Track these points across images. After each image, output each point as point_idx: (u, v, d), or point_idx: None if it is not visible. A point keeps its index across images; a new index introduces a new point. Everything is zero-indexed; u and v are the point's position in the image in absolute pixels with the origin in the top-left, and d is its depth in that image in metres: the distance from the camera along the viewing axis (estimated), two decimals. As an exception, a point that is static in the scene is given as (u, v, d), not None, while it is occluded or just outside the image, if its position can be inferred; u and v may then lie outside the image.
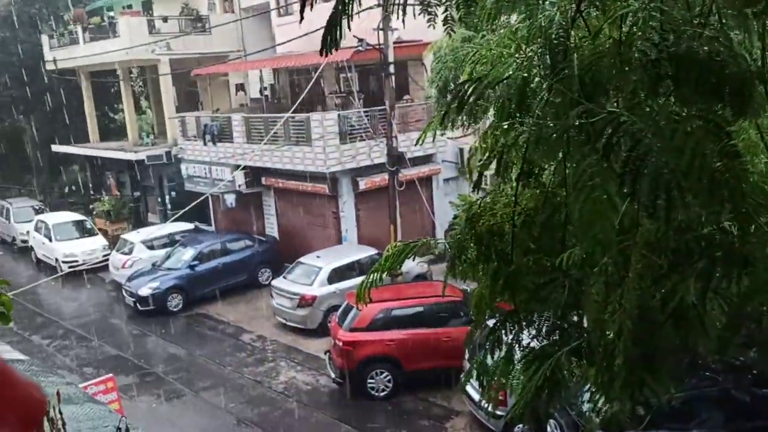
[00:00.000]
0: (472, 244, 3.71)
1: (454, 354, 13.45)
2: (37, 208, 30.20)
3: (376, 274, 4.21)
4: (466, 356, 12.05)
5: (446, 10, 3.13)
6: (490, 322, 4.07)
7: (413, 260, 4.95)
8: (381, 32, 18.13)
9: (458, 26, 3.29)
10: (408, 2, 3.32)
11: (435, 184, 22.70)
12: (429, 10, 3.12)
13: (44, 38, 31.06)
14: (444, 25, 3.26)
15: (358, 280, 16.53)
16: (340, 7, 2.84)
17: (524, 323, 3.79)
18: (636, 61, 2.63)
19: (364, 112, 20.99)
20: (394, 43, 18.75)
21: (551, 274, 3.49)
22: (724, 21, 2.74)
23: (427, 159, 21.77)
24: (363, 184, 21.09)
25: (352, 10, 2.93)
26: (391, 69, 18.58)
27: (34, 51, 31.76)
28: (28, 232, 27.52)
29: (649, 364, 3.01)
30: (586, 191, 2.54)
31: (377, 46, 18.34)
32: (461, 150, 21.64)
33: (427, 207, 21.25)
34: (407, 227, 20.04)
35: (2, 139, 34.94)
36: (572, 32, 3.00)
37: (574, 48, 2.99)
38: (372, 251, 19.48)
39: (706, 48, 2.55)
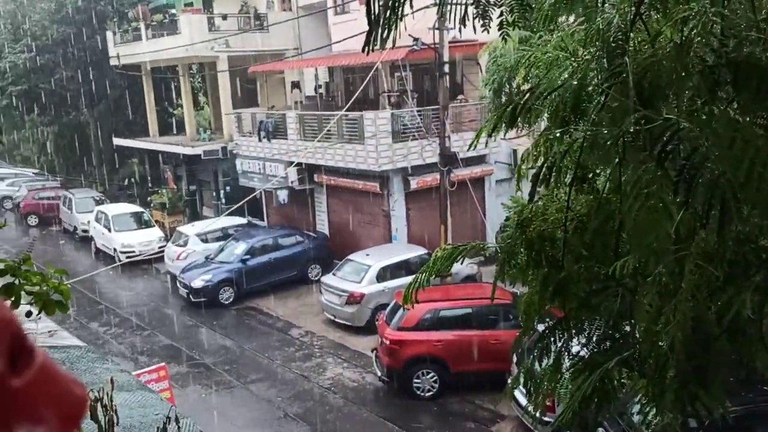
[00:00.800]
0: (522, 249, 3.67)
1: (502, 357, 13.31)
2: (97, 199, 31.16)
3: (424, 276, 4.20)
4: (515, 360, 11.93)
5: (501, 14, 3.09)
6: (539, 328, 4.01)
7: (462, 262, 4.90)
8: (436, 31, 18.07)
9: (513, 30, 3.24)
10: (464, 4, 3.29)
11: (487, 185, 22.51)
12: (484, 14, 3.08)
13: (109, 34, 32.01)
14: (499, 29, 3.22)
15: (407, 279, 16.58)
16: (388, 9, 2.83)
17: (574, 331, 3.72)
18: (694, 66, 2.55)
19: (418, 111, 20.97)
20: (450, 42, 18.68)
21: (603, 282, 3.42)
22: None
23: (479, 159, 21.60)
24: (414, 183, 21.07)
25: (402, 11, 2.92)
26: (446, 68, 18.52)
27: (99, 47, 32.81)
28: (88, 222, 28.40)
29: (702, 378, 2.92)
30: (641, 199, 2.48)
31: (432, 46, 18.29)
32: (515, 151, 21.39)
33: (479, 208, 21.07)
34: (458, 228, 19.94)
35: (67, 132, 36.21)
36: (631, 35, 2.93)
37: (633, 51, 2.92)
38: (421, 251, 19.45)
39: (768, 55, 2.46)
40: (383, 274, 18.30)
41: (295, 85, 28.78)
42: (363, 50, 3.07)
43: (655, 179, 2.46)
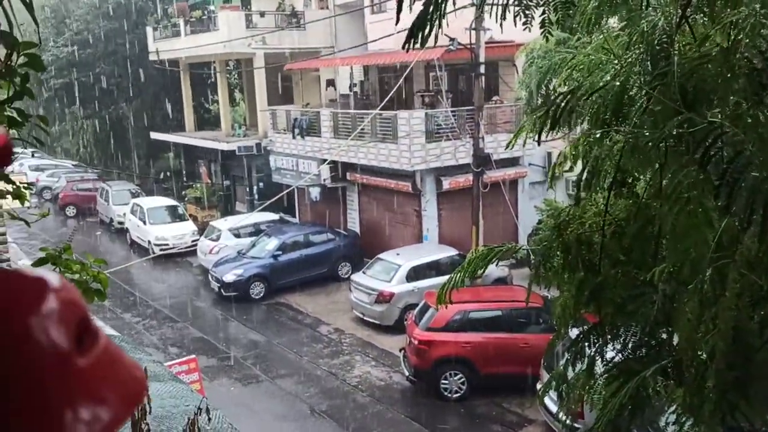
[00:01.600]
0: (558, 252, 3.62)
1: (531, 361, 13.24)
2: (133, 191, 31.67)
3: (458, 277, 4.18)
4: (543, 364, 11.82)
5: (544, 13, 3.05)
6: (573, 333, 3.96)
7: (497, 264, 4.87)
8: (472, 32, 17.98)
9: (555, 29, 3.21)
10: (505, 3, 3.26)
11: (520, 187, 22.35)
12: (526, 12, 3.06)
13: (148, 30, 32.51)
14: (541, 28, 3.19)
15: (437, 279, 16.60)
16: (431, 7, 2.82)
17: (609, 337, 3.67)
18: (740, 69, 2.49)
19: (452, 111, 20.90)
20: (486, 43, 18.57)
21: (641, 288, 3.36)
22: None
23: (513, 161, 21.45)
24: (447, 183, 21.00)
25: (444, 9, 2.91)
26: (482, 69, 18.42)
27: (138, 42, 33.36)
28: (124, 214, 28.87)
29: (742, 388, 2.85)
30: (681, 203, 2.43)
31: (468, 46, 18.21)
32: (549, 154, 21.20)
33: (511, 210, 20.93)
34: (489, 230, 19.82)
35: (106, 125, 36.87)
36: (676, 38, 2.87)
37: (678, 54, 2.87)
38: (452, 251, 19.38)
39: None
40: (413, 274, 18.28)
41: (330, 83, 28.92)
42: (403, 47, 3.07)
43: (696, 184, 2.41)
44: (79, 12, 34.63)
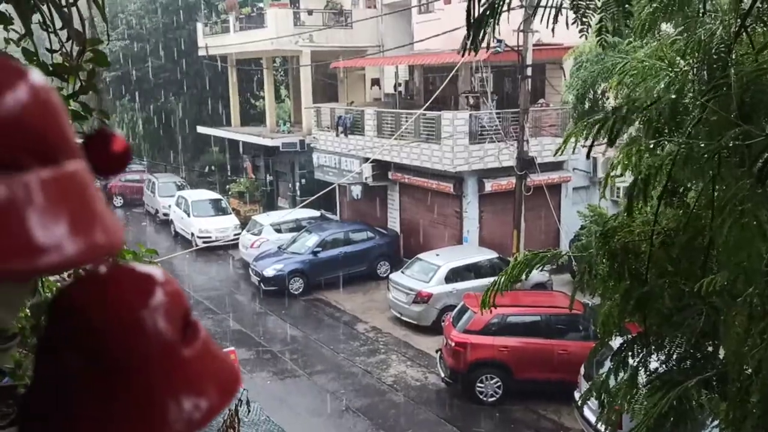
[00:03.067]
0: (604, 260, 3.60)
1: (570, 368, 13.11)
2: (179, 184, 32.29)
3: (502, 281, 4.18)
4: (582, 372, 11.69)
5: (601, 21, 3.04)
6: (616, 343, 3.93)
7: (541, 269, 4.85)
8: (520, 34, 17.85)
9: (613, 37, 3.19)
10: (558, 6, 3.25)
11: (564, 192, 22.10)
12: (583, 20, 3.04)
13: (199, 26, 33.08)
14: (597, 35, 3.17)
15: (476, 281, 16.56)
16: (487, 11, 2.84)
17: (653, 347, 3.63)
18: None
19: (497, 113, 20.78)
20: (534, 45, 18.41)
21: (688, 300, 3.32)
22: None
23: (557, 166, 21.21)
24: (489, 186, 20.89)
25: (501, 12, 2.92)
26: (528, 72, 18.27)
27: (188, 37, 33.97)
28: (169, 206, 29.46)
29: (789, 406, 2.80)
30: (735, 216, 2.40)
31: (515, 48, 18.08)
32: (595, 159, 20.92)
33: (554, 215, 20.71)
34: (531, 234, 19.66)
35: (155, 118, 37.63)
36: (734, 47, 2.83)
37: (735, 64, 2.83)
38: (492, 254, 19.28)
39: None
40: (452, 276, 18.24)
41: (375, 82, 29.02)
42: (459, 52, 3.09)
43: (751, 197, 2.38)
44: (132, 7, 35.42)
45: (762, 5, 2.85)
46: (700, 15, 3.20)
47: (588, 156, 3.40)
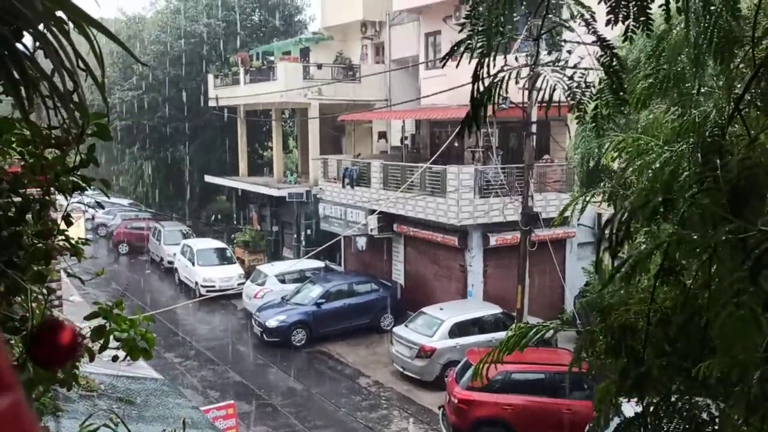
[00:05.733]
0: (601, 337, 3.56)
1: (574, 427, 12.87)
2: (185, 232, 32.40)
3: (495, 354, 4.14)
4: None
5: (596, 108, 3.09)
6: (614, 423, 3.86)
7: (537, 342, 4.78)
8: (525, 91, 18.06)
9: (608, 123, 3.23)
10: (553, 91, 3.31)
11: (568, 248, 22.05)
12: (579, 106, 3.09)
13: (210, 77, 33.73)
14: (592, 122, 3.21)
15: (480, 336, 16.38)
16: (483, 99, 2.89)
17: (650, 428, 3.56)
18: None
19: (502, 168, 20.90)
20: (538, 102, 18.61)
21: (687, 382, 3.27)
22: None
23: (562, 221, 21.15)
24: (493, 240, 20.89)
25: (498, 95, 2.98)
26: (533, 128, 18.43)
27: (199, 88, 34.60)
28: (174, 254, 29.49)
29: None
30: (730, 308, 2.38)
31: (520, 105, 18.28)
32: (599, 215, 20.91)
33: (558, 270, 20.60)
34: (535, 289, 19.54)
35: (163, 167, 38.07)
36: (728, 131, 2.86)
37: (729, 145, 2.85)
38: (497, 309, 19.15)
39: None
40: (456, 330, 18.10)
41: (382, 135, 29.35)
42: (461, 132, 3.14)
43: (745, 291, 2.37)
44: (146, 59, 36.19)
45: (755, 90, 2.89)
46: (695, 94, 3.26)
47: (577, 245, 3.41)
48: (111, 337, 3.76)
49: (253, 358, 20.82)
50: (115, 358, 3.84)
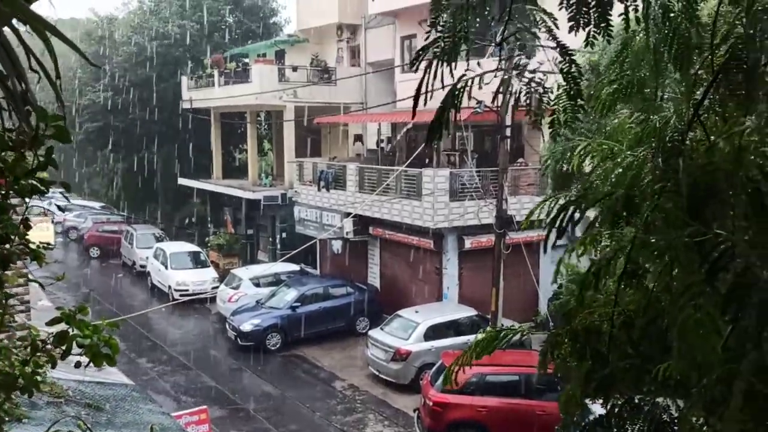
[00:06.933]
0: (566, 340, 3.59)
1: (548, 429, 12.92)
2: (158, 235, 32.06)
3: (465, 359, 4.15)
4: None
5: (554, 114, 3.12)
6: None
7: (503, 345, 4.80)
8: (500, 95, 18.16)
9: (564, 129, 3.26)
10: (519, 95, 3.34)
11: (542, 250, 22.17)
12: (537, 112, 3.12)
13: (184, 79, 33.45)
14: (550, 127, 3.25)
15: (455, 339, 16.41)
16: (447, 104, 2.90)
17: (615, 430, 3.59)
18: (744, 188, 2.50)
19: (477, 171, 21.02)
20: (513, 106, 18.73)
21: (649, 384, 3.30)
22: None
23: (537, 224, 21.29)
24: (468, 243, 20.98)
25: (460, 104, 2.99)
26: (507, 132, 18.55)
27: (172, 90, 34.29)
28: (147, 257, 29.16)
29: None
30: (689, 311, 2.42)
31: (495, 108, 18.38)
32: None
33: (532, 273, 20.75)
34: (509, 291, 19.63)
35: (135, 169, 37.64)
36: (688, 135, 2.90)
37: (690, 150, 2.89)
38: (471, 312, 19.23)
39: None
40: (431, 333, 18.13)
41: (358, 138, 29.33)
42: (428, 137, 3.16)
43: (702, 293, 2.40)
44: (118, 60, 35.78)
45: (714, 96, 2.95)
46: (657, 100, 3.30)
47: (551, 246, 3.44)
48: (74, 342, 3.71)
49: (226, 362, 20.66)
50: (77, 365, 3.79)
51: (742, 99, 2.88)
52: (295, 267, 25.12)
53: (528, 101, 3.14)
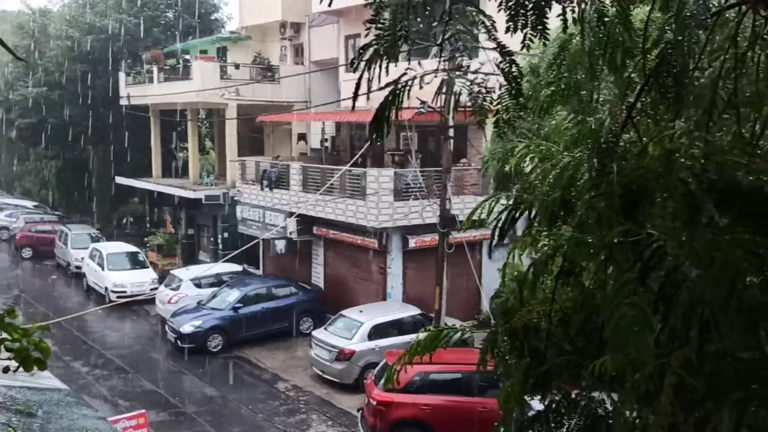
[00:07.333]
0: (506, 338, 3.65)
1: (490, 426, 13.09)
2: (93, 236, 31.11)
3: (407, 358, 4.17)
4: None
5: (497, 113, 3.17)
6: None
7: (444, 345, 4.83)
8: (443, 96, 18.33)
9: (507, 128, 3.31)
10: (459, 95, 3.38)
11: (485, 249, 22.51)
12: (481, 110, 3.16)
13: (121, 75, 32.58)
14: (495, 126, 3.30)
15: (399, 338, 16.45)
16: (388, 103, 2.91)
17: (553, 425, 3.67)
18: (676, 189, 2.59)
19: (421, 171, 21.15)
20: (457, 107, 18.93)
21: (586, 380, 3.39)
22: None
23: (479, 223, 21.53)
24: (413, 242, 21.11)
25: (400, 104, 3.01)
26: (451, 132, 18.74)
27: (109, 86, 33.31)
28: (82, 258, 28.28)
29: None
30: (623, 309, 2.49)
31: (438, 109, 18.53)
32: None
33: (475, 272, 21.03)
34: (453, 290, 19.86)
35: (70, 167, 36.49)
36: (621, 137, 2.99)
37: (623, 151, 2.98)
38: (416, 311, 19.34)
39: (751, 179, 2.50)
40: (375, 332, 18.15)
41: (302, 137, 29.14)
42: (370, 137, 3.15)
43: (635, 291, 2.47)
44: (52, 54, 34.58)
45: (646, 99, 3.04)
46: (593, 102, 3.39)
47: (495, 246, 3.49)
48: (2, 347, 3.57)
49: (166, 365, 20.22)
50: (6, 369, 3.64)
51: (672, 102, 2.98)
52: (237, 267, 24.78)
53: (471, 102, 3.18)
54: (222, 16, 40.84)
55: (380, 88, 2.95)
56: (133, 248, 28.04)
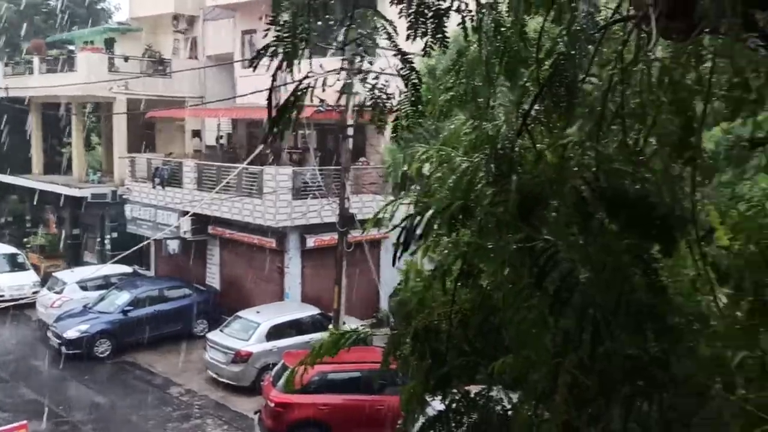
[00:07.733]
0: (407, 340, 3.70)
1: (388, 423, 13.25)
2: (-33, 237, 28.99)
3: (307, 363, 4.14)
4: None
5: (396, 119, 3.21)
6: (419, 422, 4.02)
7: (346, 344, 4.84)
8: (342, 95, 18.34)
9: (405, 132, 3.35)
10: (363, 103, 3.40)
11: (383, 248, 22.68)
12: (381, 116, 3.18)
13: (-1, 65, 30.51)
14: (393, 132, 3.33)
15: (297, 338, 16.33)
16: (289, 105, 2.88)
17: (454, 425, 3.75)
18: (570, 196, 2.71)
19: (319, 170, 21.07)
20: (354, 106, 18.99)
21: (485, 380, 3.49)
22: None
23: (377, 222, 21.74)
24: (311, 241, 21.00)
25: (302, 102, 2.98)
26: (349, 131, 18.78)
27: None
28: (-46, 261, 26.24)
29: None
30: (523, 312, 2.57)
31: (337, 108, 18.52)
32: (411, 215, 21.78)
33: (374, 270, 21.18)
34: (352, 289, 19.91)
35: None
36: (518, 143, 3.09)
37: (519, 157, 3.09)
38: (314, 310, 19.26)
39: (637, 187, 2.65)
40: (273, 333, 17.95)
41: (196, 133, 28.31)
42: (265, 140, 3.09)
43: (533, 295, 2.57)
44: None
45: (540, 107, 3.17)
46: (490, 108, 3.50)
47: (398, 260, 3.54)
48: None
49: (49, 372, 19.11)
50: None
51: (564, 110, 3.12)
52: (127, 269, 23.78)
53: (371, 107, 3.19)
54: (110, 5, 39.06)
55: (273, 88, 2.90)
56: (11, 249, 26.33)
